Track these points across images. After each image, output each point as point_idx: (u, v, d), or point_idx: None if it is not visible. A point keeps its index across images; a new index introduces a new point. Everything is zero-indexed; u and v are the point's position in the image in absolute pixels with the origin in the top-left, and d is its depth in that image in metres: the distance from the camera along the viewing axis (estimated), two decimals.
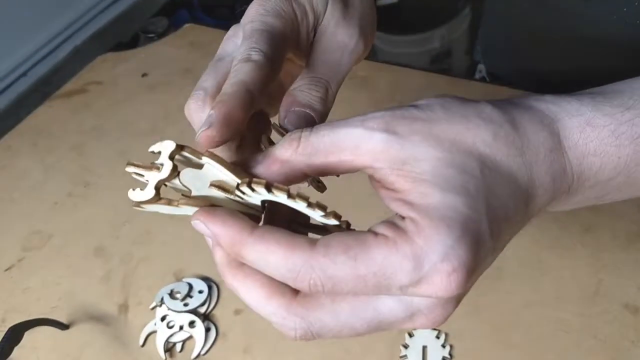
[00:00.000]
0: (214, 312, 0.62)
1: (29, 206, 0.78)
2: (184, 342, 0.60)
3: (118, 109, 0.89)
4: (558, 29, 0.68)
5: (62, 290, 0.67)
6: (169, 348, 0.60)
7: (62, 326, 0.62)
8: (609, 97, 0.32)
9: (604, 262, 0.57)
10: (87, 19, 1.59)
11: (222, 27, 0.96)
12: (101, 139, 0.85)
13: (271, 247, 0.28)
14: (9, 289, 0.69)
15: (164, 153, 0.30)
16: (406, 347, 0.55)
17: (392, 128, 0.30)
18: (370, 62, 0.85)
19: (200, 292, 0.63)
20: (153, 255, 0.69)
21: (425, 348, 0.54)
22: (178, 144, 0.31)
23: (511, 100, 0.33)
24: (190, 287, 0.63)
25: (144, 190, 0.31)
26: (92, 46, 1.52)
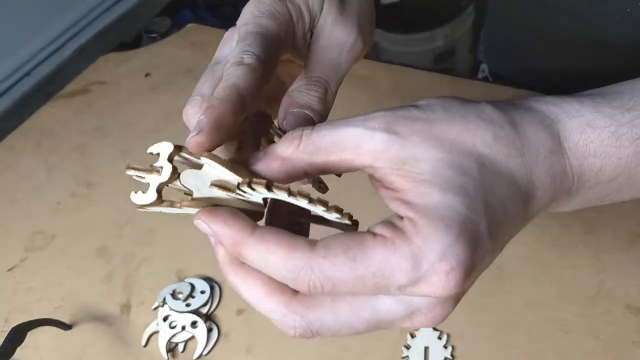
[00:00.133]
0: (216, 312, 0.62)
1: (32, 206, 0.79)
2: (186, 342, 0.60)
3: (121, 109, 0.89)
4: (560, 29, 0.67)
5: (64, 290, 0.67)
6: (172, 348, 0.60)
7: (65, 326, 0.63)
8: (610, 99, 0.32)
9: (606, 262, 0.57)
10: (91, 19, 1.59)
11: (225, 27, 0.96)
12: (104, 139, 0.86)
13: (271, 248, 0.28)
14: (12, 289, 0.69)
15: (163, 155, 0.31)
16: (408, 347, 0.55)
17: (393, 128, 0.30)
18: (372, 61, 0.85)
19: (203, 292, 0.63)
20: (155, 255, 0.69)
21: (427, 349, 0.54)
22: (176, 145, 0.31)
23: (512, 102, 0.33)
24: (193, 287, 0.63)
25: (146, 193, 0.31)
26: (96, 46, 1.52)
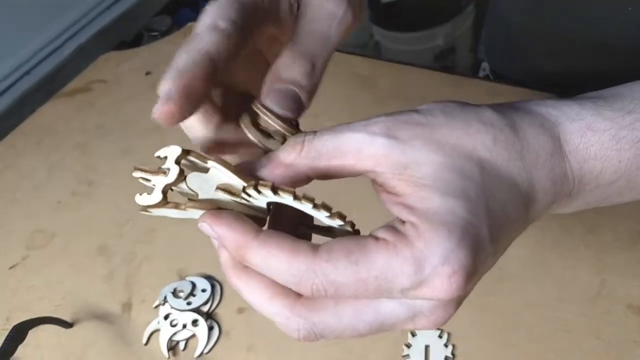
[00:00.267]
0: (217, 310, 0.62)
1: (32, 205, 0.79)
2: (187, 340, 0.60)
3: (122, 108, 0.89)
4: (561, 28, 0.67)
5: (65, 289, 0.68)
6: (172, 346, 0.60)
7: (66, 324, 0.63)
8: (610, 101, 0.32)
9: (607, 262, 0.57)
10: (91, 17, 1.59)
11: None
12: (105, 137, 0.86)
13: (274, 252, 0.28)
14: (13, 288, 0.69)
15: (170, 158, 0.31)
16: (409, 346, 0.55)
17: (394, 133, 0.30)
18: (373, 60, 0.85)
19: (204, 290, 0.63)
20: (156, 253, 0.69)
21: (427, 347, 0.54)
22: (184, 149, 0.31)
23: (512, 105, 0.33)
24: (194, 285, 0.63)
25: (151, 194, 0.31)
26: (96, 44, 1.52)
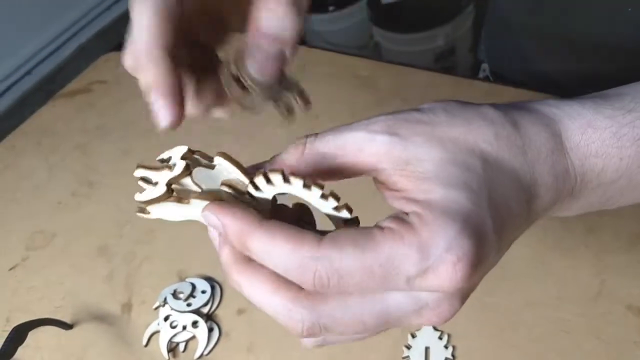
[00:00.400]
0: (216, 312, 0.62)
1: (32, 205, 0.79)
2: (187, 342, 0.60)
3: (122, 108, 0.89)
4: (561, 28, 0.67)
5: (65, 290, 0.67)
6: (172, 348, 0.60)
7: (66, 326, 0.63)
8: (611, 100, 0.32)
9: (607, 262, 0.57)
10: (91, 18, 1.60)
11: None
12: (105, 138, 0.86)
13: (277, 239, 0.28)
14: (13, 289, 0.69)
15: (176, 155, 0.31)
16: (409, 347, 0.55)
17: (395, 130, 0.30)
18: (373, 61, 0.85)
19: (203, 292, 0.63)
20: (156, 254, 0.69)
21: (427, 349, 0.54)
22: (190, 148, 0.31)
23: (513, 104, 0.33)
24: (194, 287, 0.63)
25: (153, 189, 0.31)
26: (96, 45, 1.53)
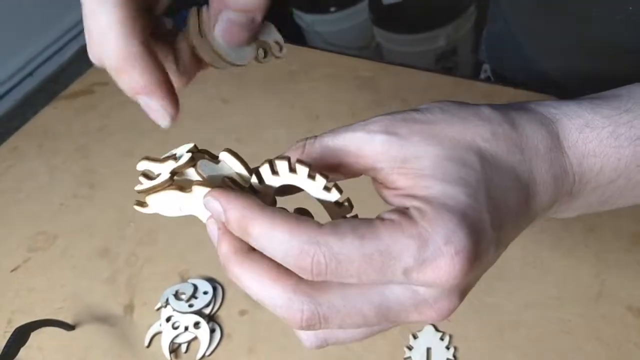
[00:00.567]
0: (218, 313, 0.62)
1: (34, 207, 0.79)
2: (189, 342, 0.60)
3: (123, 110, 0.89)
4: (562, 28, 0.67)
5: (67, 291, 0.68)
6: (174, 349, 0.60)
7: (68, 327, 0.63)
8: (608, 100, 0.33)
9: (607, 263, 0.57)
10: None
11: None
12: (106, 139, 0.86)
13: (278, 223, 0.28)
14: (15, 290, 0.69)
15: (182, 149, 0.32)
16: (410, 348, 0.55)
17: (393, 130, 0.31)
18: (374, 62, 0.86)
19: (205, 293, 0.63)
20: (158, 256, 0.69)
21: (429, 350, 0.54)
22: (196, 145, 0.32)
23: (510, 104, 0.33)
24: (195, 288, 0.64)
25: (156, 178, 0.31)
26: None
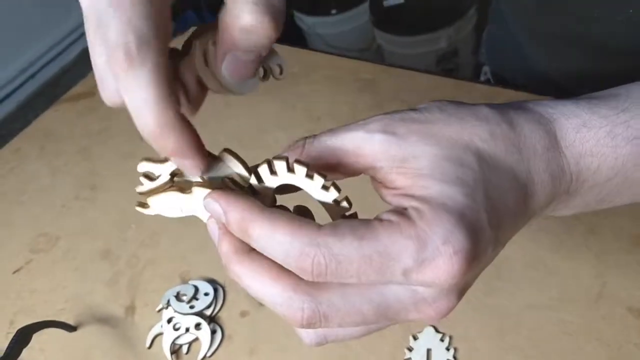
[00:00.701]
0: (219, 314, 0.62)
1: (36, 209, 0.79)
2: (190, 344, 0.60)
3: (125, 112, 0.89)
4: (562, 30, 0.68)
5: (69, 293, 0.68)
6: (175, 350, 0.60)
7: (70, 328, 0.63)
8: (605, 100, 0.33)
9: (608, 264, 0.57)
10: None
11: None
12: (108, 141, 0.86)
13: (278, 224, 0.28)
14: (17, 291, 0.70)
15: None
16: (410, 349, 0.55)
17: (391, 129, 0.31)
18: (375, 64, 0.86)
19: (206, 294, 0.63)
20: (159, 257, 0.69)
21: (429, 351, 0.55)
22: None
23: (508, 104, 0.34)
24: (196, 289, 0.64)
25: (156, 180, 0.32)
26: None
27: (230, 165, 0.32)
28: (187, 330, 0.61)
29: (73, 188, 0.81)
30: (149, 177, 0.33)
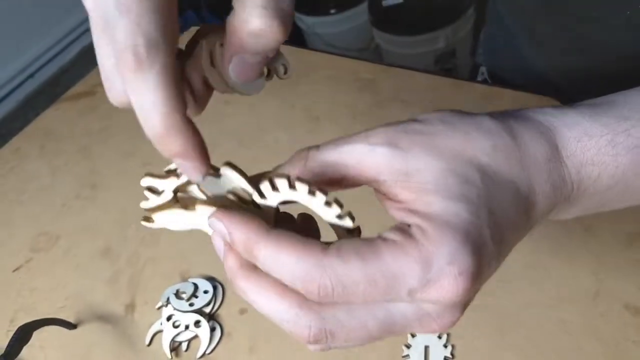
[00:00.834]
0: (219, 311, 0.63)
1: (37, 208, 0.79)
2: (189, 341, 0.61)
3: (125, 112, 0.89)
4: (560, 31, 0.68)
5: (69, 291, 0.68)
6: (175, 347, 0.60)
7: (70, 326, 0.63)
8: (606, 108, 0.33)
9: (605, 262, 0.57)
10: None
11: None
12: (108, 140, 0.86)
13: (284, 247, 0.28)
14: (17, 289, 0.70)
15: None
16: (408, 347, 0.55)
17: (394, 142, 0.31)
18: (375, 64, 0.86)
19: (206, 292, 0.63)
20: (159, 255, 0.69)
21: (427, 348, 0.55)
22: None
23: (509, 112, 0.33)
24: (196, 287, 0.64)
25: (160, 196, 0.32)
26: None
27: (232, 179, 0.31)
28: (187, 327, 0.61)
29: (73, 187, 0.81)
30: (153, 190, 0.33)
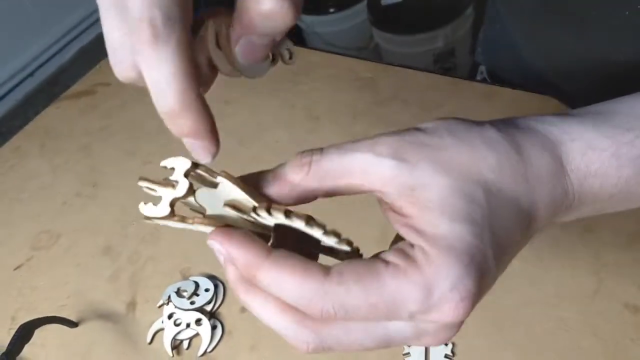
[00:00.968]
0: (220, 310, 0.63)
1: (37, 206, 0.79)
2: (190, 339, 0.61)
3: (126, 110, 0.90)
4: (559, 31, 0.68)
5: (70, 289, 0.68)
6: (176, 345, 0.61)
7: (71, 324, 0.63)
8: (609, 117, 0.33)
9: (605, 261, 0.57)
10: (93, 20, 1.60)
11: None
12: (109, 139, 0.87)
13: (286, 272, 0.28)
14: (18, 288, 0.70)
15: (179, 170, 0.30)
16: (409, 344, 0.55)
17: (401, 154, 0.30)
18: (374, 63, 0.86)
19: (207, 290, 0.64)
20: (160, 254, 0.70)
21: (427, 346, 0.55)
22: (193, 162, 0.31)
23: (513, 122, 0.33)
24: (197, 285, 0.64)
25: (157, 205, 0.31)
26: (98, 47, 1.53)
27: (229, 190, 0.31)
28: (188, 325, 0.61)
29: (74, 185, 0.81)
30: (152, 188, 0.32)
